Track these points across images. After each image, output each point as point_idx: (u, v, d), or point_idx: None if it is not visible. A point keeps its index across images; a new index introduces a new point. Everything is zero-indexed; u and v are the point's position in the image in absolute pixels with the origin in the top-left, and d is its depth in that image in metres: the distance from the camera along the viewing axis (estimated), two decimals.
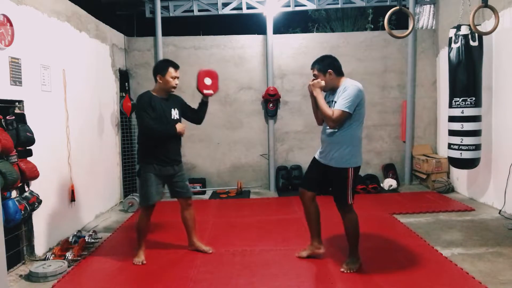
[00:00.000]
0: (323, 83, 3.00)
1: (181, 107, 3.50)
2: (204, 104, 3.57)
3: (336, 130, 2.95)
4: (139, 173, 3.38)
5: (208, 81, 3.53)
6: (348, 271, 3.03)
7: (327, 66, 3.00)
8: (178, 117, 3.43)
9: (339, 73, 3.04)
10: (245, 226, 4.34)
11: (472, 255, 3.34)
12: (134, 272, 3.21)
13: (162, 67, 3.31)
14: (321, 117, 3.08)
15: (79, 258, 3.46)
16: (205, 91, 3.51)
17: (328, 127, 3.02)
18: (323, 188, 3.21)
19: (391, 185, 5.96)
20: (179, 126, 3.34)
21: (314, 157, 3.21)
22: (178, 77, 3.35)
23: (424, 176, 6.02)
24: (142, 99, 3.28)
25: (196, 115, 3.59)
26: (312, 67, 3.08)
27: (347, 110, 2.86)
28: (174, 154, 3.41)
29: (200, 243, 3.62)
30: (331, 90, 3.06)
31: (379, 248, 3.55)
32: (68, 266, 3.28)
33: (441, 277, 2.93)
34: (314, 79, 3.04)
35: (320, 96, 2.99)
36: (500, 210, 4.50)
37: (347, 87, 2.92)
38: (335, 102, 2.94)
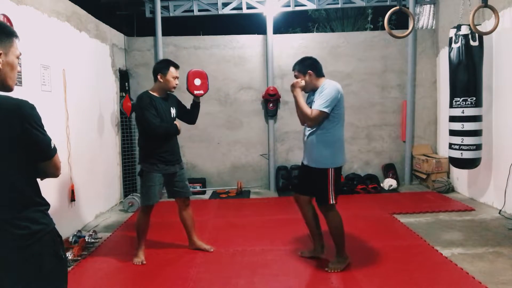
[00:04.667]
0: (303, 82, 3.04)
1: (177, 106, 3.53)
2: (196, 105, 3.59)
3: (317, 131, 2.98)
4: (141, 173, 3.39)
5: (197, 81, 3.56)
6: (333, 271, 3.04)
7: (307, 67, 3.06)
8: (175, 116, 3.46)
9: (319, 74, 3.08)
10: (245, 226, 4.34)
11: (472, 255, 3.34)
12: (134, 272, 3.21)
13: (163, 66, 3.32)
14: (301, 116, 3.07)
15: (79, 258, 3.46)
16: (196, 92, 3.55)
17: (308, 128, 3.06)
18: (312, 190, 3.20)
19: (391, 185, 5.95)
20: (178, 124, 3.39)
21: (302, 162, 3.24)
22: (178, 77, 3.37)
23: (424, 176, 6.02)
24: (143, 99, 3.28)
25: (189, 116, 3.61)
26: (293, 69, 3.15)
27: (324, 110, 2.90)
28: (175, 152, 3.45)
29: (200, 242, 3.63)
30: (312, 91, 3.10)
31: (379, 248, 3.54)
32: (68, 266, 3.27)
33: (441, 277, 2.94)
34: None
35: (300, 95, 3.03)
36: (500, 210, 4.50)
37: (325, 87, 2.96)
38: (314, 102, 2.99)
